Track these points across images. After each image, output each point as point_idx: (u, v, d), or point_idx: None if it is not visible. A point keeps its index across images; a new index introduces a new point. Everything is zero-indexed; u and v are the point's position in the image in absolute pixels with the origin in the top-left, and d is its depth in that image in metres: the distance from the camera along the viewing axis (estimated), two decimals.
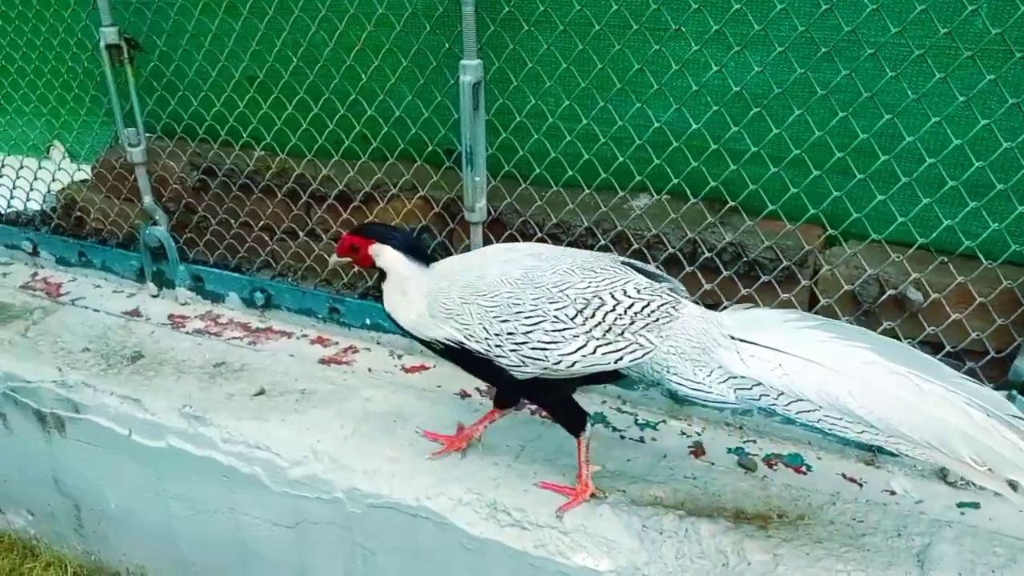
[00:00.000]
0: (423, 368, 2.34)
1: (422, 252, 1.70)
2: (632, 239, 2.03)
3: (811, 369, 1.43)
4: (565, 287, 1.54)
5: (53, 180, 2.90)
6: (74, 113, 2.73)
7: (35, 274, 2.99)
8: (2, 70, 2.80)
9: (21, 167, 2.94)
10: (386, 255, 1.68)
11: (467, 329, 1.57)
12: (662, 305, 1.55)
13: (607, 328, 1.51)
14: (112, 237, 2.84)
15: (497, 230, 2.21)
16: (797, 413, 1.44)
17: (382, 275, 1.72)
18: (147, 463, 2.24)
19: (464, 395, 2.20)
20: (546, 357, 1.53)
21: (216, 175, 2.53)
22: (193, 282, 2.67)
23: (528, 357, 1.54)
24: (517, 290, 1.55)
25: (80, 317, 2.68)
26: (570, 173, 2.01)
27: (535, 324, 1.53)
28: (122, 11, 2.39)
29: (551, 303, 1.53)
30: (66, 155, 2.89)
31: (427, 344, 1.68)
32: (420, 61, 2.11)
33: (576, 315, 1.52)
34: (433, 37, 2.06)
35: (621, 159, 1.97)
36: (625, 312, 1.52)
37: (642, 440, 2.02)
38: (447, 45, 2.04)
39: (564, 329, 1.52)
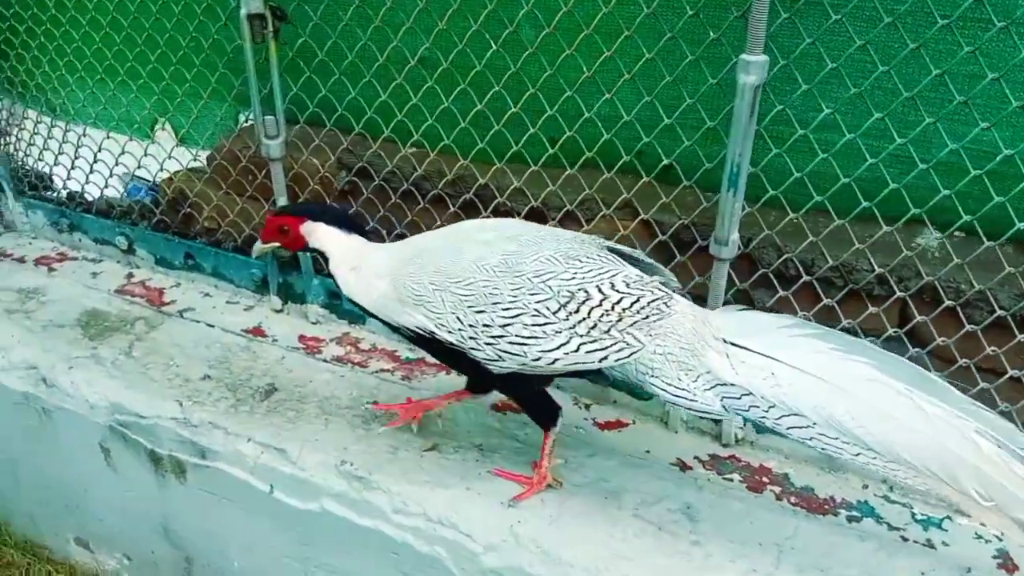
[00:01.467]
0: (620, 424, 1.96)
1: (358, 226, 1.61)
2: (943, 292, 1.62)
3: (806, 381, 1.34)
4: (548, 277, 1.43)
5: (161, 169, 2.51)
6: (193, 93, 2.34)
7: (130, 275, 2.63)
8: (107, 38, 2.40)
9: (122, 152, 2.55)
10: (320, 232, 1.59)
11: (439, 318, 1.47)
12: (653, 301, 1.44)
13: (592, 324, 1.42)
14: (228, 239, 2.46)
15: (744, 268, 1.81)
16: (788, 429, 1.35)
17: (324, 258, 1.62)
18: (291, 526, 1.88)
19: (683, 467, 1.82)
20: (525, 353, 1.44)
21: (372, 178, 2.13)
22: (328, 298, 2.30)
23: (505, 352, 1.45)
24: (495, 278, 1.44)
25: (193, 333, 2.32)
26: (865, 204, 1.60)
27: (514, 317, 1.43)
28: None
29: (532, 294, 1.43)
30: (177, 140, 2.50)
31: (395, 329, 1.58)
32: (667, 51, 1.70)
33: (559, 309, 1.42)
34: (693, 22, 1.65)
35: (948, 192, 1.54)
36: (612, 308, 1.42)
37: (930, 544, 1.63)
38: (712, 34, 1.63)
39: (546, 324, 1.42)
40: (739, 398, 1.38)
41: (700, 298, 1.69)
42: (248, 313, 2.41)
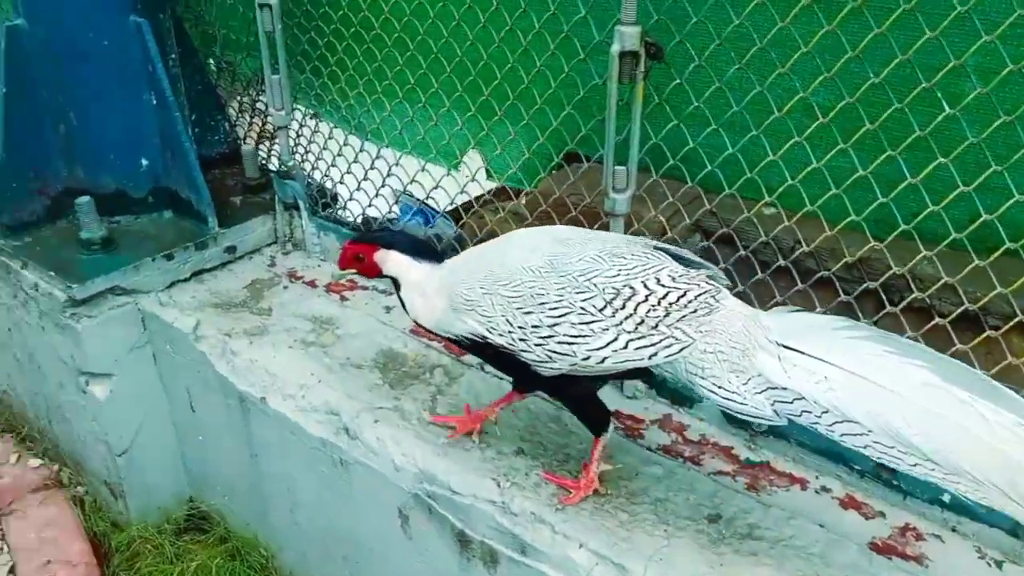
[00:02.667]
0: None
1: (431, 251, 1.67)
2: None
3: (861, 386, 1.30)
4: (592, 275, 1.45)
5: (460, 193, 2.34)
6: (502, 127, 2.13)
7: None
8: (435, 63, 2.24)
9: (411, 180, 2.41)
10: (393, 260, 1.64)
11: (489, 321, 1.51)
12: (700, 295, 1.44)
13: (639, 320, 1.42)
14: None
15: None
16: (842, 436, 1.32)
17: (396, 284, 1.68)
18: None
19: None
20: (574, 352, 1.46)
21: (735, 246, 1.82)
22: None
23: (555, 352, 1.47)
24: (540, 279, 1.47)
25: (497, 394, 2.12)
26: None
27: (561, 316, 1.45)
28: (648, 2, 1.73)
29: (578, 293, 1.44)
30: (489, 173, 2.32)
31: (455, 342, 1.62)
32: None
33: (605, 306, 1.43)
34: None
35: None
36: (659, 303, 1.43)
37: None
38: None
39: (593, 321, 1.44)
40: (791, 402, 1.35)
41: None
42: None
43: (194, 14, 2.90)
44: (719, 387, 1.40)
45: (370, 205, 2.61)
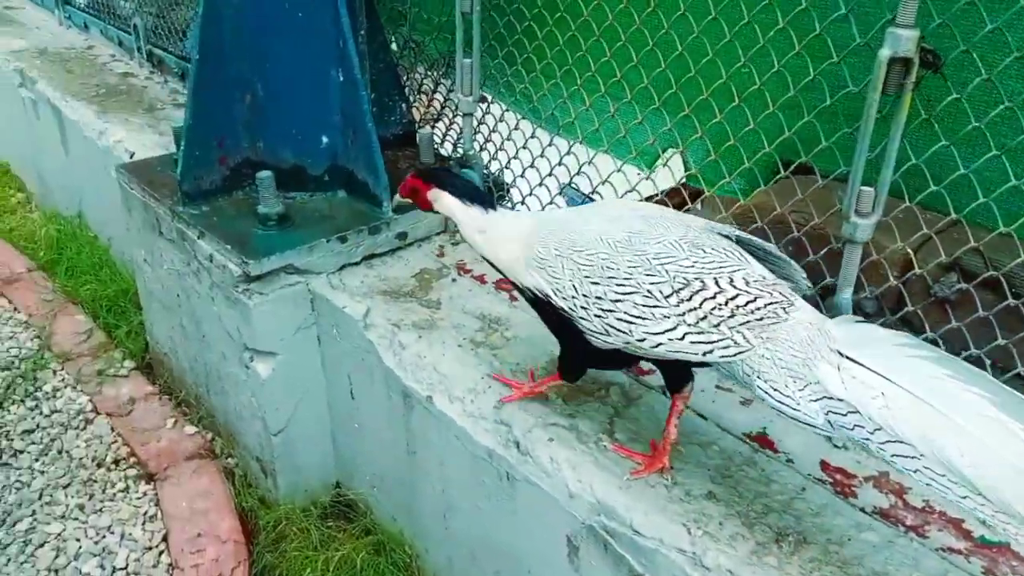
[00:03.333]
0: None
1: (482, 197, 1.72)
2: None
3: (918, 408, 1.26)
4: (666, 261, 1.45)
5: (656, 198, 2.16)
6: (748, 132, 1.92)
7: None
8: (622, 52, 2.06)
9: (604, 181, 2.24)
10: (444, 200, 1.74)
11: (557, 283, 1.54)
12: (770, 304, 1.42)
13: (703, 316, 1.42)
14: None
15: None
16: (893, 456, 1.29)
17: (454, 223, 1.75)
18: None
19: None
20: (630, 331, 1.47)
21: (1002, 292, 1.56)
22: None
23: (612, 327, 1.49)
24: (615, 253, 1.48)
25: (687, 424, 1.94)
26: None
27: (626, 294, 1.46)
28: (930, 3, 1.49)
29: (647, 275, 1.45)
30: (695, 179, 2.13)
31: (520, 290, 1.67)
32: None
33: (671, 294, 1.44)
34: None
35: None
36: (726, 303, 1.41)
37: None
38: None
39: (655, 306, 1.44)
40: (844, 415, 1.34)
41: None
42: (748, 409, 1.98)
43: None
44: (775, 390, 1.40)
45: (551, 203, 2.47)
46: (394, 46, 2.98)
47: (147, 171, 2.86)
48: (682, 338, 1.43)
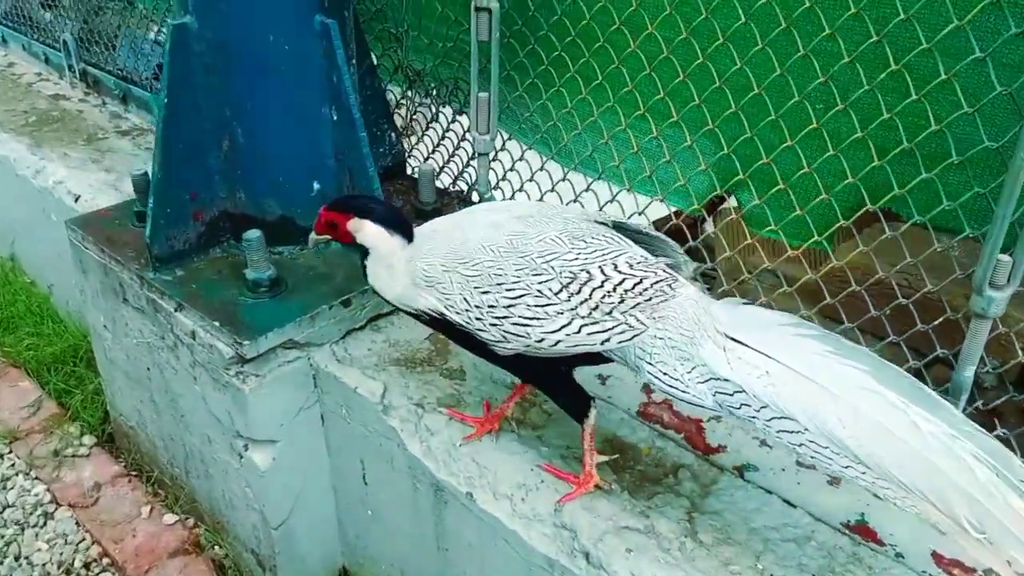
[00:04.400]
0: None
1: (406, 225, 1.65)
2: None
3: (801, 384, 1.34)
4: (551, 258, 1.49)
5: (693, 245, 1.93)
6: (805, 176, 1.70)
7: (649, 388, 2.08)
8: (680, 88, 1.82)
9: (638, 213, 1.99)
10: (367, 231, 1.64)
11: (448, 299, 1.55)
12: (656, 283, 1.49)
13: (594, 305, 1.46)
14: None
15: None
16: (778, 432, 1.36)
17: (364, 251, 1.67)
18: None
19: None
20: (528, 334, 1.50)
21: None
22: None
23: (509, 332, 1.51)
24: (500, 259, 1.50)
25: (768, 515, 1.74)
26: None
27: (517, 298, 1.48)
28: None
29: (535, 275, 1.48)
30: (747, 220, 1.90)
31: (415, 316, 1.66)
32: None
33: (561, 290, 1.47)
34: None
35: None
36: (614, 289, 1.46)
37: None
38: None
39: (548, 305, 1.47)
40: (731, 395, 1.40)
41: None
42: (838, 491, 1.77)
43: (375, 9, 2.52)
44: (664, 374, 1.45)
45: None
46: (385, 69, 2.67)
47: (103, 226, 2.50)
48: (578, 331, 1.46)
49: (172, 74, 2.10)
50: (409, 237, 1.64)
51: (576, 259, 1.48)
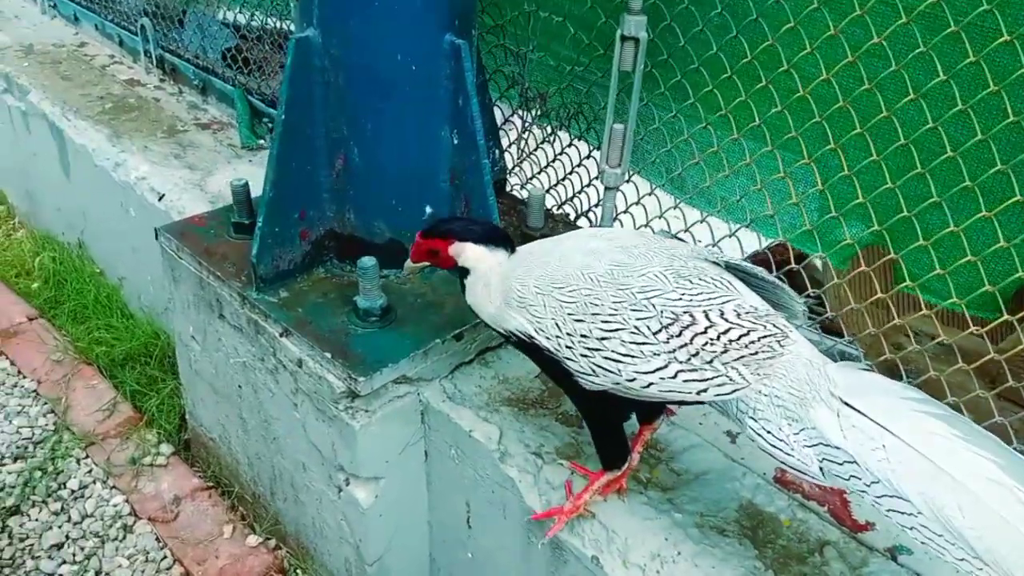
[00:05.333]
0: None
1: (505, 239, 1.62)
2: None
3: (920, 465, 1.24)
4: (653, 295, 1.40)
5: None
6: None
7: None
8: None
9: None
10: (468, 253, 1.62)
11: (539, 322, 1.48)
12: (765, 337, 1.38)
13: (694, 352, 1.37)
14: None
15: None
16: (888, 511, 1.27)
17: (464, 271, 1.66)
18: None
19: None
20: (619, 371, 1.41)
21: None
22: None
23: (600, 367, 1.43)
24: (598, 288, 1.43)
25: None
26: None
27: (612, 331, 1.40)
28: None
29: (633, 310, 1.40)
30: (903, 276, 1.77)
31: (506, 338, 1.61)
32: None
33: (660, 330, 1.38)
34: None
35: None
36: (718, 338, 1.36)
37: None
38: None
39: (644, 343, 1.39)
40: (840, 464, 1.31)
41: None
42: None
43: (493, 24, 2.39)
44: (768, 432, 1.36)
45: None
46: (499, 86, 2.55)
47: (199, 236, 2.41)
48: (674, 376, 1.38)
49: (292, 90, 1.99)
50: (511, 249, 1.61)
51: (680, 299, 1.40)
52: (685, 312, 1.39)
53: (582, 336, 1.43)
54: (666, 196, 2.19)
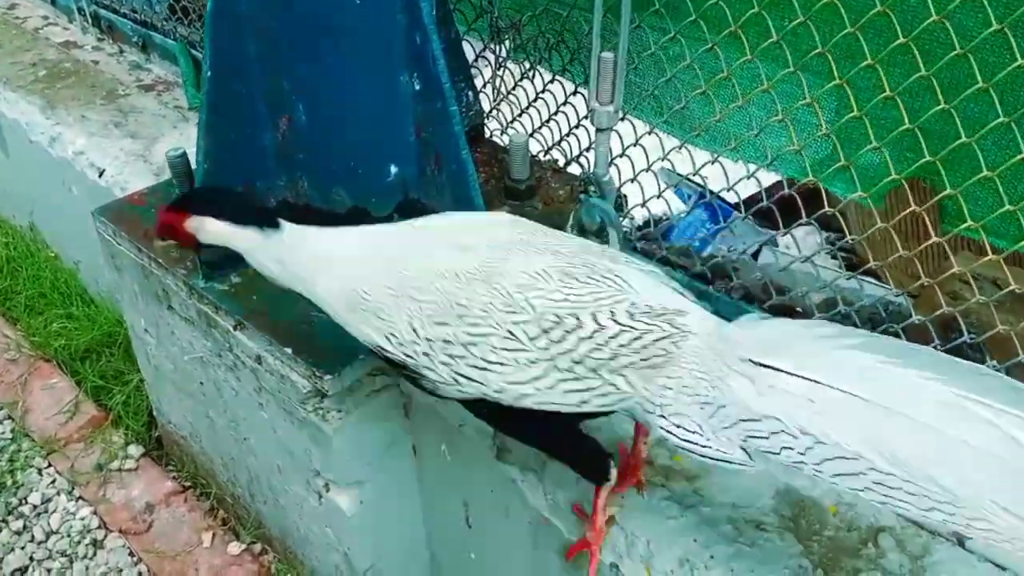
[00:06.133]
0: None
1: (255, 214, 1.40)
2: None
3: (858, 407, 1.09)
4: (533, 295, 1.23)
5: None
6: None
7: None
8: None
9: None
10: (209, 228, 1.41)
11: (390, 327, 1.28)
12: (660, 340, 1.22)
13: (577, 359, 1.21)
14: None
15: None
16: (834, 477, 1.10)
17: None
18: None
19: None
20: (485, 380, 1.24)
21: None
22: None
23: (462, 375, 1.25)
24: (466, 286, 1.24)
25: None
26: None
27: (481, 335, 1.23)
28: None
29: (508, 312, 1.22)
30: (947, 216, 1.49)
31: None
32: None
33: (539, 335, 1.21)
34: None
35: None
36: (606, 342, 1.20)
37: None
38: None
39: (519, 350, 1.22)
40: (767, 437, 1.15)
41: None
42: None
43: None
44: (678, 426, 1.21)
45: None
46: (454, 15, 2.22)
47: (138, 218, 2.13)
48: (553, 386, 1.22)
49: (216, 44, 1.68)
50: (269, 225, 1.38)
51: (565, 300, 1.23)
52: (570, 314, 1.22)
53: (444, 341, 1.24)
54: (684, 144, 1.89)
